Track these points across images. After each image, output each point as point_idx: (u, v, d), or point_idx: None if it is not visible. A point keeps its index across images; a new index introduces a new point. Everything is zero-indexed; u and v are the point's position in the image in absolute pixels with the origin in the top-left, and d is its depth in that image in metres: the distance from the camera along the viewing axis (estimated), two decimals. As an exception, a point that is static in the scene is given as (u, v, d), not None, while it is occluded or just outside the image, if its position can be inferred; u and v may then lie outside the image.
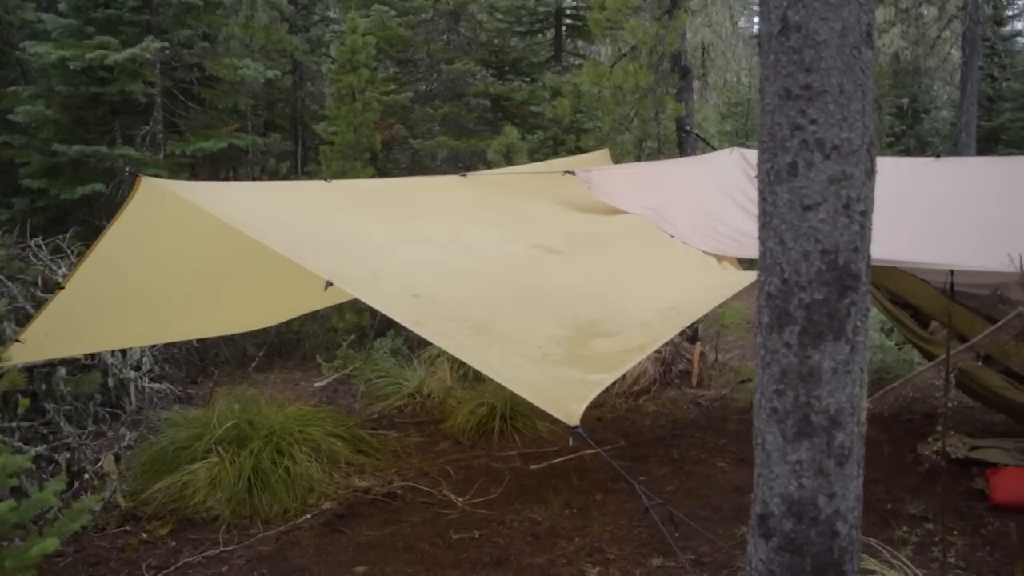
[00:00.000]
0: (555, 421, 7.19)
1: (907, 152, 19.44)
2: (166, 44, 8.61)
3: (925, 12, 13.24)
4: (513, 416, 6.67)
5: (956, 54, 13.99)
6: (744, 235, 5.62)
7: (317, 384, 8.25)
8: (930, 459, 5.90)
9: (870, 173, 1.96)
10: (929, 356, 6.28)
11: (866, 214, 1.96)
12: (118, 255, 4.30)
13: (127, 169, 7.28)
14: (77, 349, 5.75)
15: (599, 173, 6.09)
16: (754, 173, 6.57)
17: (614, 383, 7.52)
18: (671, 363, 7.78)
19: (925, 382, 5.58)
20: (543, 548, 4.70)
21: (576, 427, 2.91)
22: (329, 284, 3.28)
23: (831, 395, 1.95)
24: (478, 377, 7.08)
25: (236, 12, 10.12)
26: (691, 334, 8.09)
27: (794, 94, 1.93)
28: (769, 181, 2.01)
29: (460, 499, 5.44)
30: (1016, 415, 5.86)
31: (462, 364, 7.11)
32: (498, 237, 4.68)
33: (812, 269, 1.94)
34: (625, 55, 7.81)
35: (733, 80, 19.29)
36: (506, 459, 6.15)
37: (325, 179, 4.77)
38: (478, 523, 5.06)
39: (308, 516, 5.17)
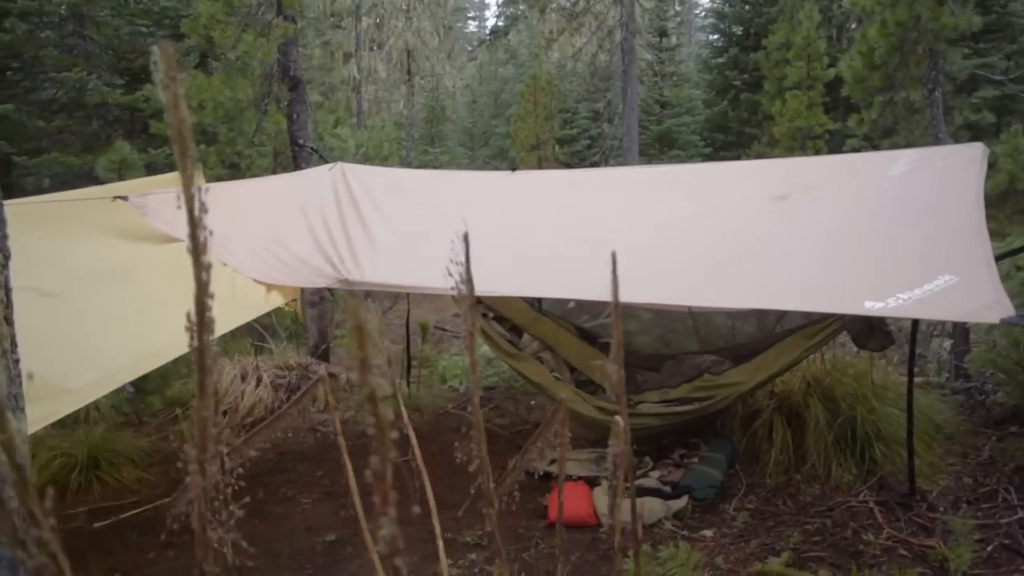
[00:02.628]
0: (147, 467, 6.67)
1: (603, 153, 20.58)
2: None
3: (586, 23, 13.93)
4: (96, 465, 6.05)
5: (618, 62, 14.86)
6: (301, 261, 5.38)
7: None
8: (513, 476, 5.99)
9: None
10: (518, 371, 6.37)
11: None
12: None
13: None
14: None
15: (158, 198, 5.59)
16: (346, 191, 6.35)
17: (224, 413, 7.09)
18: (297, 388, 7.43)
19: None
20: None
21: None
22: None
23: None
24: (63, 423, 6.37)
25: None
26: (321, 351, 7.82)
27: None
28: None
29: (-16, 577, 4.76)
30: (590, 426, 5.99)
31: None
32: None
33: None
34: (231, 65, 7.35)
35: (434, 85, 19.33)
36: (72, 517, 5.53)
37: None
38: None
39: None
